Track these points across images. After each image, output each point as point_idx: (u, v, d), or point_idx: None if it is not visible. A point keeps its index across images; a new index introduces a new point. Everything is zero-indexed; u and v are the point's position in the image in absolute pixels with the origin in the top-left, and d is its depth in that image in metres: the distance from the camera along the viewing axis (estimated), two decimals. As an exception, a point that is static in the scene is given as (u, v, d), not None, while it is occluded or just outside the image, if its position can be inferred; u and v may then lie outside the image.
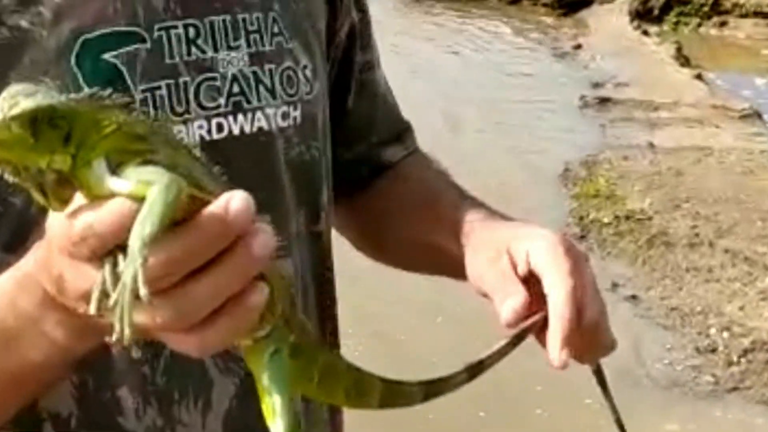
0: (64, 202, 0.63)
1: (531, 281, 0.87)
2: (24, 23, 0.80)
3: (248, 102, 0.89)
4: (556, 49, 7.18)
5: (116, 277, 0.59)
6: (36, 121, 0.59)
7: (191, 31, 0.87)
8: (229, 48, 0.89)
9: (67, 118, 0.60)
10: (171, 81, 0.85)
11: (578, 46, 7.17)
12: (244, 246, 0.61)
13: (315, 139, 0.95)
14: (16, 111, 0.59)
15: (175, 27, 0.86)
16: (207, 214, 0.60)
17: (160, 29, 0.85)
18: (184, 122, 0.85)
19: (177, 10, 0.86)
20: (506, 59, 7.00)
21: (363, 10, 1.07)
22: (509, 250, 0.89)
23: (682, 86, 6.27)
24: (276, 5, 0.93)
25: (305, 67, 0.94)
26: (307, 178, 0.95)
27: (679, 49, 6.95)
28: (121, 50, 0.83)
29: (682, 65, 6.73)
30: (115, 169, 0.61)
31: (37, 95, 0.60)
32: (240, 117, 0.88)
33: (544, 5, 8.15)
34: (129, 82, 0.83)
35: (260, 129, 0.90)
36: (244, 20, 0.90)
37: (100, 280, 0.60)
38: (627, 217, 4.49)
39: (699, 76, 6.49)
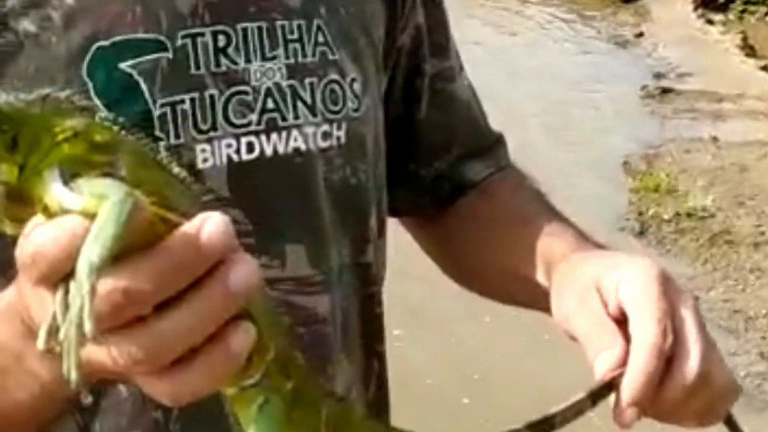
0: (19, 221, 0.54)
1: (625, 321, 0.75)
2: (32, 27, 0.74)
3: (284, 119, 0.80)
4: (617, 37, 7.00)
5: (67, 307, 0.51)
6: None
7: (221, 39, 0.78)
8: (264, 58, 0.80)
9: (14, 122, 0.53)
10: (195, 94, 0.77)
11: (640, 35, 6.99)
12: (220, 277, 0.52)
13: (363, 162, 0.86)
14: None
15: (202, 34, 0.77)
16: (175, 238, 0.52)
17: (184, 37, 0.77)
18: (209, 140, 0.77)
19: (205, 15, 0.78)
20: (565, 47, 6.84)
21: (435, 10, 0.96)
22: (599, 286, 0.77)
23: (748, 77, 6.07)
24: (322, 11, 0.84)
25: (353, 80, 0.85)
26: (351, 204, 0.85)
27: (744, 39, 6.74)
28: (139, 59, 0.75)
29: (748, 55, 6.52)
30: (68, 182, 0.53)
31: None
32: (274, 136, 0.79)
33: (605, -9, 7.95)
34: (146, 95, 0.75)
35: (296, 150, 0.81)
36: (282, 27, 0.81)
37: (51, 310, 0.52)
38: (688, 214, 4.34)
39: (765, 68, 6.28)
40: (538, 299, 0.87)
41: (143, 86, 0.75)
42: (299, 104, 0.81)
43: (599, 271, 0.78)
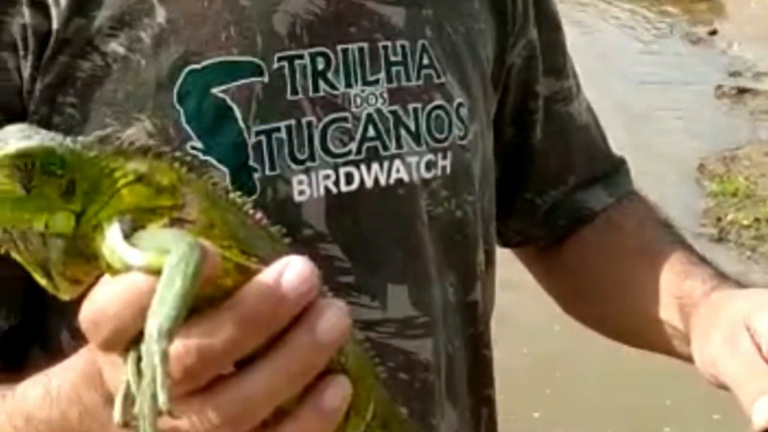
0: (75, 282, 0.49)
1: None
2: (121, 49, 0.69)
3: (385, 148, 0.74)
4: (690, 34, 6.83)
5: (141, 374, 0.46)
6: (28, 169, 0.47)
7: (320, 62, 0.73)
8: (365, 83, 0.74)
9: (69, 166, 0.48)
10: (292, 122, 0.71)
11: (714, 32, 6.81)
12: (306, 328, 0.48)
13: (470, 192, 0.79)
14: (1, 153, 0.47)
15: (300, 57, 0.72)
16: (253, 288, 0.47)
17: (281, 59, 0.71)
18: (306, 171, 0.71)
19: (304, 36, 0.72)
20: (636, 45, 6.70)
21: (549, 27, 0.90)
22: (749, 326, 0.70)
23: (829, 76, 5.86)
24: (427, 30, 0.78)
25: (460, 105, 0.79)
26: (457, 238, 0.79)
27: (825, 36, 6.52)
28: (233, 84, 0.70)
29: (829, 53, 6.30)
30: (130, 234, 0.48)
31: (33, 137, 0.48)
32: (375, 166, 0.74)
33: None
34: (240, 122, 0.70)
35: (399, 181, 0.75)
36: (385, 49, 0.75)
37: (123, 378, 0.47)
38: (768, 220, 4.20)
39: None
40: (668, 342, 0.81)
41: (237, 113, 0.70)
42: (402, 132, 0.75)
43: (748, 311, 0.72)
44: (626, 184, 0.95)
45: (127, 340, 0.47)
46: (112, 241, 0.48)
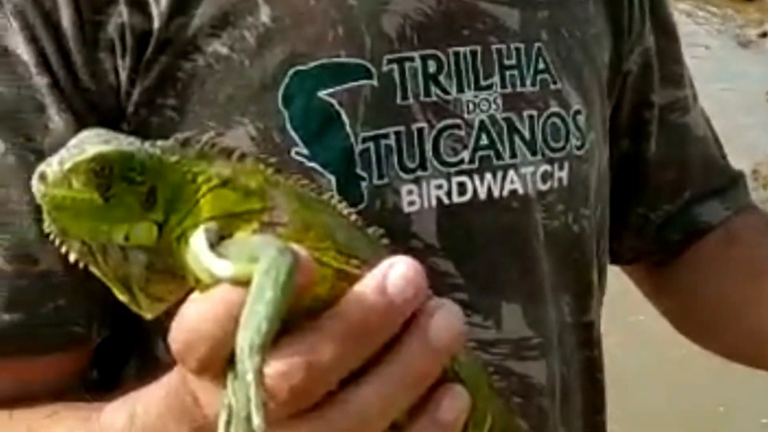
0: (158, 299, 0.46)
1: None
2: (223, 50, 0.66)
3: (499, 157, 0.71)
4: (740, 36, 6.74)
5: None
6: (106, 175, 0.45)
7: (431, 65, 0.69)
8: (478, 87, 0.70)
9: (149, 172, 0.45)
10: (401, 128, 0.68)
11: (764, 35, 6.72)
12: (418, 333, 0.44)
13: (586, 206, 0.75)
14: (77, 158, 0.44)
15: (411, 59, 0.68)
16: (357, 294, 0.44)
17: (390, 61, 0.68)
18: (417, 180, 0.68)
19: (414, 37, 0.69)
20: (684, 47, 6.61)
21: (666, 35, 0.86)
22: None
23: None
24: (543, 33, 0.74)
25: (577, 113, 0.75)
26: (574, 255, 0.75)
27: None
28: (340, 87, 0.67)
29: None
30: (217, 243, 0.45)
31: (111, 141, 0.45)
32: (488, 176, 0.70)
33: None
34: (348, 127, 0.67)
35: (513, 192, 0.71)
36: (498, 52, 0.71)
37: (225, 401, 0.43)
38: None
39: None
40: None
41: (344, 118, 0.67)
42: (516, 140, 0.72)
43: None
44: (744, 197, 0.91)
45: (224, 360, 0.43)
46: (197, 252, 0.44)
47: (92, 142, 0.45)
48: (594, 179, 0.77)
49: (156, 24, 0.65)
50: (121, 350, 0.70)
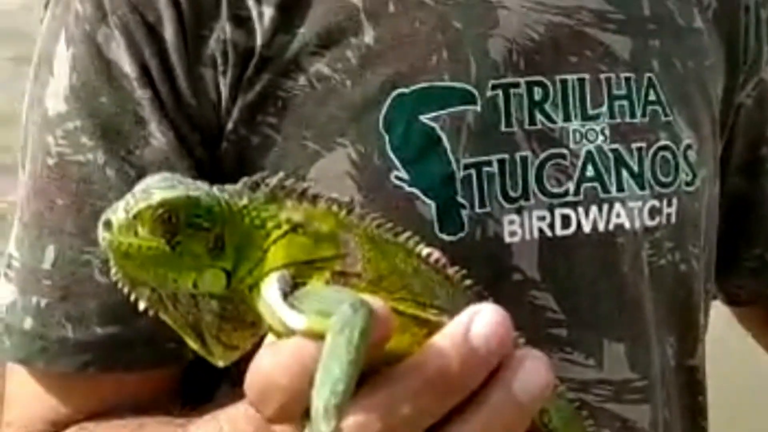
0: (231, 347, 0.46)
1: None
2: (325, 69, 0.66)
3: (605, 190, 0.69)
4: None
5: None
6: (172, 223, 0.44)
7: (537, 92, 0.67)
8: (586, 117, 0.68)
9: (217, 218, 0.44)
10: (505, 155, 0.66)
11: None
12: (503, 386, 0.42)
13: (695, 245, 0.73)
14: (142, 205, 0.44)
15: (516, 85, 0.67)
16: (437, 344, 0.42)
17: (495, 87, 0.66)
18: (519, 211, 0.66)
19: (520, 63, 0.67)
20: None
21: None
22: None
23: None
24: (654, 63, 0.72)
25: (688, 147, 0.72)
26: (680, 295, 0.72)
27: None
28: (443, 111, 0.66)
29: None
30: (291, 290, 0.43)
31: (177, 186, 0.44)
32: (593, 209, 0.68)
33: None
34: (450, 153, 0.65)
35: (619, 227, 0.69)
36: (608, 81, 0.69)
37: None
38: None
39: None
40: None
41: (446, 143, 0.65)
42: (624, 173, 0.70)
43: None
44: None
45: (300, 412, 0.42)
46: (270, 302, 0.43)
47: (158, 188, 0.45)
48: (704, 216, 0.74)
49: (259, 41, 0.65)
50: (213, 374, 0.70)
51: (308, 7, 0.66)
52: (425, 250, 0.47)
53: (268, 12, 0.65)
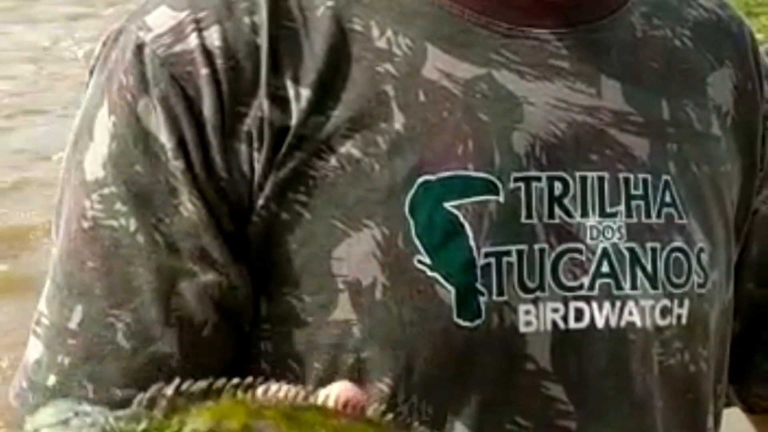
0: None
1: None
2: (356, 152, 0.68)
3: (619, 287, 0.70)
4: None
5: None
6: None
7: (557, 187, 0.69)
8: (603, 214, 0.70)
9: None
10: (524, 246, 0.68)
11: None
12: None
13: (705, 346, 0.74)
14: None
15: (538, 179, 0.69)
16: None
17: (518, 180, 0.69)
18: (535, 301, 0.67)
19: (542, 158, 0.69)
20: None
21: None
22: None
23: None
24: (671, 166, 0.74)
25: (701, 250, 0.74)
26: (689, 396, 0.73)
27: None
28: (467, 200, 0.68)
29: None
30: None
31: (71, 421, 0.42)
32: (606, 305, 0.69)
33: None
34: (471, 241, 0.67)
35: (630, 324, 0.70)
36: (626, 181, 0.71)
37: None
38: None
39: None
40: None
41: (468, 231, 0.67)
42: (638, 272, 0.71)
43: None
44: None
45: None
46: None
47: (49, 425, 0.43)
48: (715, 319, 0.75)
49: (294, 120, 0.67)
50: None
51: (342, 91, 0.68)
52: (339, 397, 0.45)
53: (305, 93, 0.67)
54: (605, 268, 0.70)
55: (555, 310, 0.68)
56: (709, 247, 0.74)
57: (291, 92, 0.68)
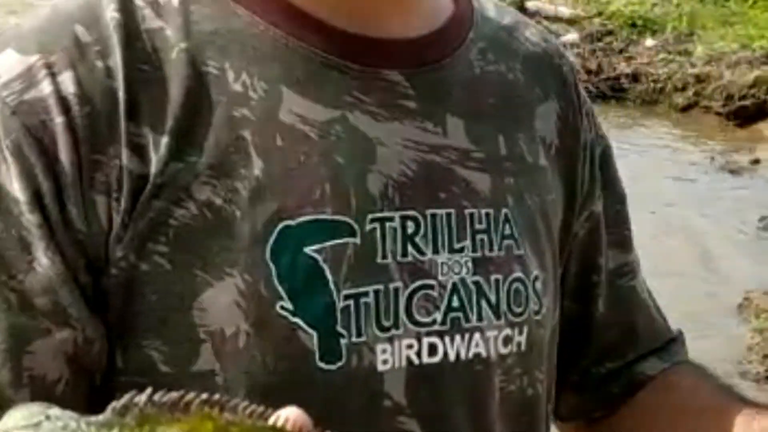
0: None
1: None
2: (216, 200, 0.67)
3: (467, 320, 0.73)
4: (732, 163, 6.81)
5: None
6: None
7: (410, 226, 0.72)
8: (452, 250, 0.73)
9: None
10: (380, 286, 0.70)
11: (756, 161, 6.78)
12: None
13: (540, 370, 0.79)
14: None
15: (391, 219, 0.72)
16: None
17: (373, 221, 0.71)
18: (390, 340, 0.70)
19: (395, 198, 0.72)
20: (675, 172, 6.68)
21: (613, 196, 0.89)
22: None
23: None
24: (509, 200, 0.78)
25: (536, 278, 0.78)
26: (525, 419, 0.77)
27: None
28: (326, 243, 0.69)
29: None
30: None
31: (41, 426, 0.43)
32: (457, 338, 0.73)
33: (718, 114, 7.80)
34: (331, 284, 0.69)
35: (477, 355, 0.73)
36: (471, 216, 0.75)
37: None
38: (816, 358, 4.08)
39: None
40: None
41: (328, 274, 0.68)
42: (483, 304, 0.74)
43: None
44: (681, 354, 0.93)
45: None
46: None
47: (21, 428, 0.43)
48: (547, 341, 0.79)
49: (153, 169, 0.66)
50: None
51: (201, 137, 0.67)
52: (296, 421, 0.47)
53: (164, 140, 0.66)
54: (455, 303, 0.72)
55: (409, 347, 0.70)
56: (542, 274, 0.78)
57: (149, 139, 0.66)
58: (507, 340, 0.75)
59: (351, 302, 0.68)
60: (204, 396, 0.46)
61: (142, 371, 0.67)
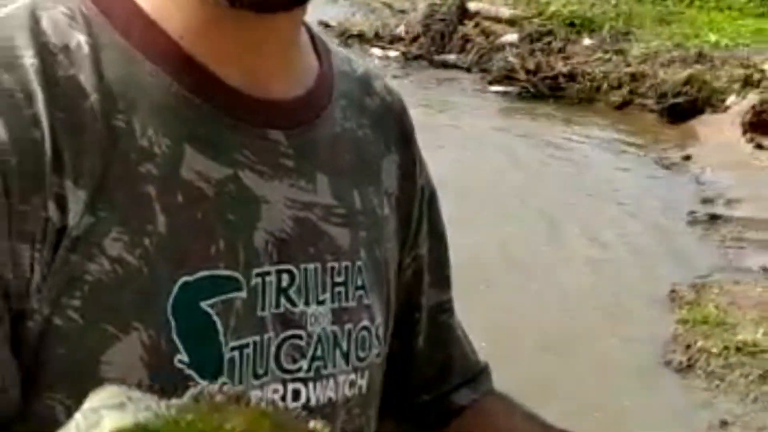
0: None
1: None
2: (126, 255, 0.70)
3: (325, 367, 0.79)
4: (663, 160, 6.98)
5: None
6: None
7: (285, 279, 0.77)
8: (317, 302, 0.78)
9: None
10: (258, 338, 0.75)
11: (687, 158, 6.95)
12: None
13: (373, 407, 0.85)
14: None
15: (269, 273, 0.76)
16: None
17: (257, 275, 0.75)
18: (261, 386, 0.75)
19: (274, 253, 0.76)
20: (609, 167, 6.83)
21: (436, 237, 0.94)
22: None
23: (799, 205, 6.00)
24: (362, 252, 0.83)
25: (379, 325, 0.83)
26: None
27: (795, 164, 6.66)
28: (218, 298, 0.73)
29: (799, 182, 6.44)
30: None
31: (127, 407, 0.46)
32: (318, 385, 0.78)
33: (652, 111, 7.98)
34: (221, 337, 0.73)
35: (329, 399, 0.79)
36: (332, 270, 0.80)
37: None
38: (738, 348, 4.26)
39: (817, 195, 6.19)
40: None
41: (219, 327, 0.73)
42: (337, 352, 0.79)
43: None
44: (490, 384, 1.00)
45: None
46: None
47: (106, 408, 0.45)
48: (379, 381, 0.84)
49: (71, 221, 0.68)
50: None
51: (111, 191, 0.69)
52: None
53: (81, 193, 0.68)
54: (319, 352, 0.77)
55: (275, 391, 0.75)
56: (383, 320, 0.83)
57: (70, 191, 0.68)
58: (352, 385, 0.79)
59: (236, 353, 0.72)
60: (259, 394, 0.52)
61: (44, 422, 0.68)
